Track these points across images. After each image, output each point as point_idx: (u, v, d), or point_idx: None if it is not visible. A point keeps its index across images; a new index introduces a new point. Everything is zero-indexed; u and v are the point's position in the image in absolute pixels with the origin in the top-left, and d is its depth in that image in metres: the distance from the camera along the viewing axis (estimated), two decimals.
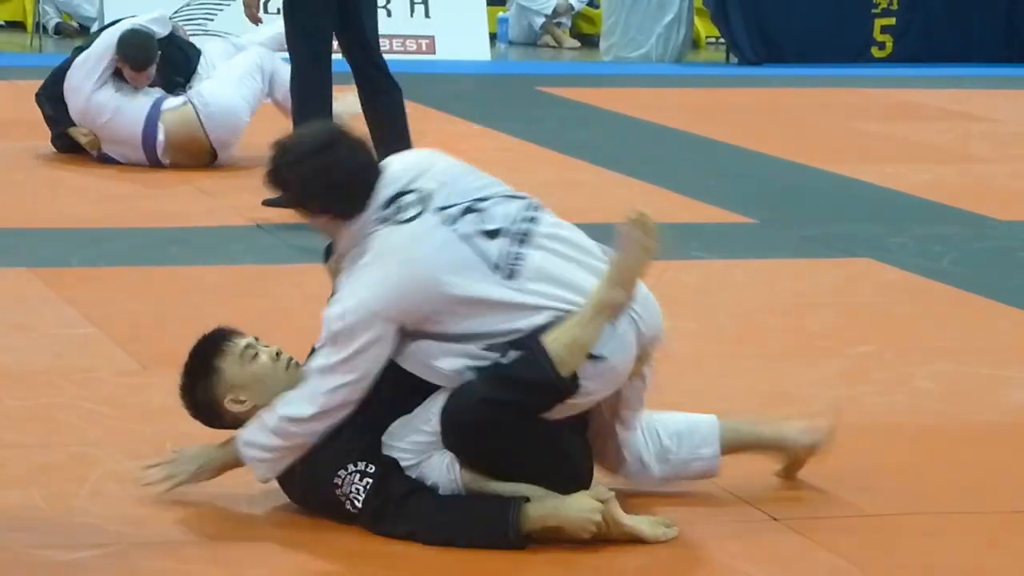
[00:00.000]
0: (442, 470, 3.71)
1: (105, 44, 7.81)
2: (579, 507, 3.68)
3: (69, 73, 7.83)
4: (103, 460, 4.14)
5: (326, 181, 3.75)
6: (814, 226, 7.25)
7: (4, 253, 6.32)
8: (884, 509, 4.02)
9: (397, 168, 3.83)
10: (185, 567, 3.58)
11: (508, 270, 3.71)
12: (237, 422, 3.87)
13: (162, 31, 8.00)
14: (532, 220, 3.79)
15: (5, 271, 6.06)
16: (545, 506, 3.69)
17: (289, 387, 3.79)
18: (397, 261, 3.68)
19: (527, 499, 3.69)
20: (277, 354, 3.89)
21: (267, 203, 6.66)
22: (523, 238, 3.75)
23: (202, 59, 8.11)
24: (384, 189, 3.77)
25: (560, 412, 3.73)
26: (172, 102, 7.89)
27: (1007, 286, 6.23)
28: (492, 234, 3.73)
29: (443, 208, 3.74)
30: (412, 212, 3.73)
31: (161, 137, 7.83)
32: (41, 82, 8.12)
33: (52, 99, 7.92)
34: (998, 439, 4.58)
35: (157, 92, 7.92)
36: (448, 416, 3.68)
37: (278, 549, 3.70)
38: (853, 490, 4.12)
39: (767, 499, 4.03)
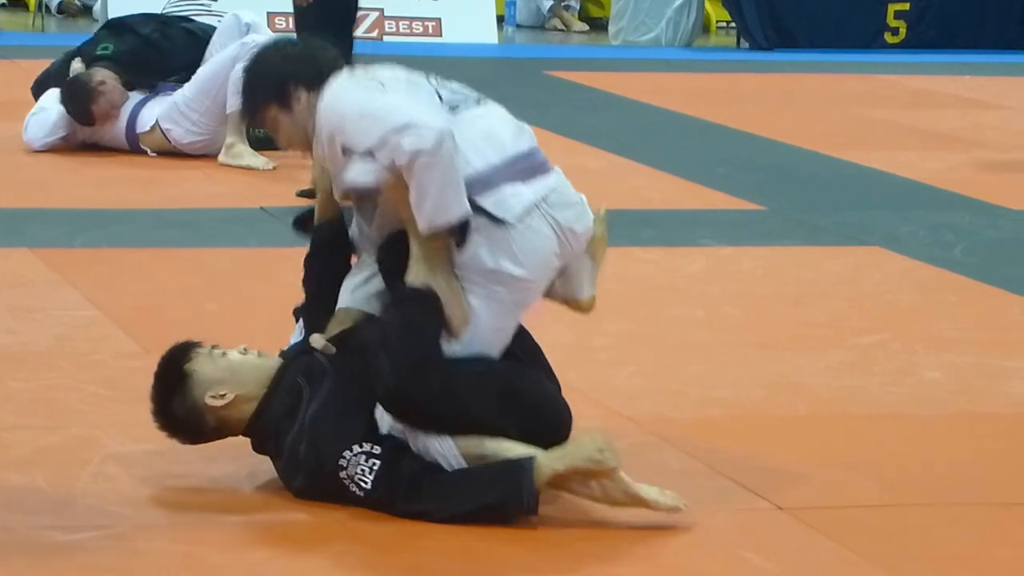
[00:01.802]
0: (435, 443, 3.70)
1: (58, 113, 7.67)
2: (586, 445, 3.69)
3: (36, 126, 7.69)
4: (105, 442, 4.13)
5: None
6: (824, 214, 7.22)
7: (7, 234, 6.31)
8: (891, 499, 4.00)
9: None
10: (187, 548, 3.57)
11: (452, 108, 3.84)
12: (222, 422, 3.86)
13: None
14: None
15: (8, 252, 6.04)
16: (552, 455, 3.69)
17: (264, 373, 3.82)
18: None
19: (533, 457, 3.68)
20: (244, 350, 3.91)
21: (301, 194, 6.64)
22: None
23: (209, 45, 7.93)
24: None
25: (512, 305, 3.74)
26: (144, 121, 7.70)
27: (1019, 276, 6.19)
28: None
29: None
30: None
31: (149, 151, 7.77)
32: (43, 65, 8.08)
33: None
34: (1006, 430, 4.56)
35: (130, 106, 7.73)
36: (382, 401, 3.71)
37: (281, 530, 3.68)
38: (859, 480, 4.10)
39: (772, 488, 4.01)
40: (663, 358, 4.98)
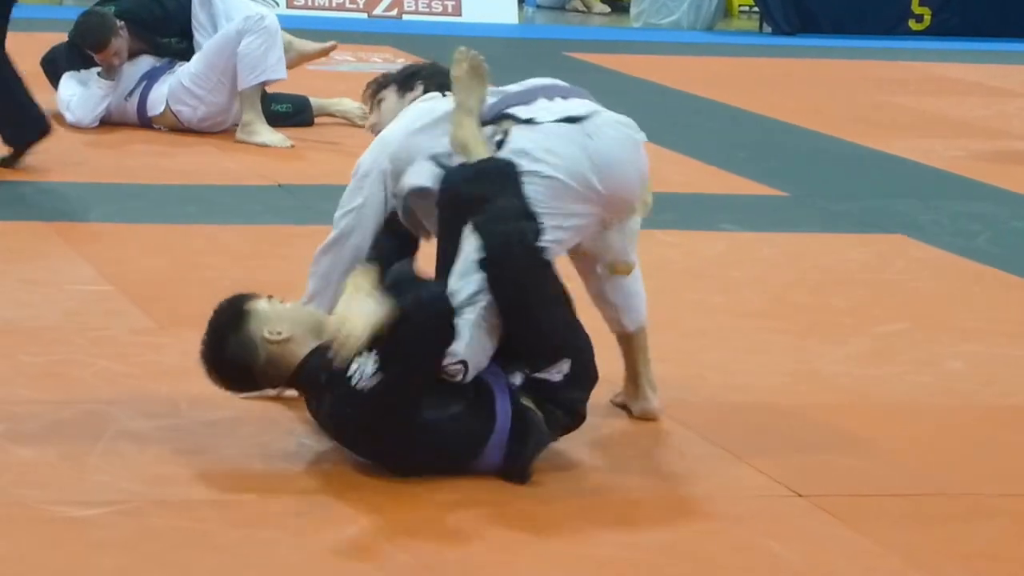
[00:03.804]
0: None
1: (99, 86, 7.62)
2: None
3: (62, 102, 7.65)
4: (117, 418, 4.09)
5: None
6: (846, 201, 7.17)
7: (21, 206, 6.27)
8: (911, 489, 3.97)
9: None
10: (200, 526, 3.53)
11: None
12: (272, 361, 3.87)
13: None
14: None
15: (22, 224, 6.01)
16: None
17: (319, 321, 3.88)
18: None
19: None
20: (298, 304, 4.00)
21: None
22: None
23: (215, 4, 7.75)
24: None
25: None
26: (154, 104, 7.62)
27: None
28: None
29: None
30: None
31: (163, 128, 7.70)
32: (62, 39, 8.01)
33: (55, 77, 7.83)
34: None
35: (142, 77, 7.63)
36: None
37: (294, 509, 3.64)
38: (881, 469, 4.06)
39: (791, 475, 3.97)
40: (683, 343, 4.94)
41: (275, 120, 7.71)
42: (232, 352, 3.88)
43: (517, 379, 3.84)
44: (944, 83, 10.88)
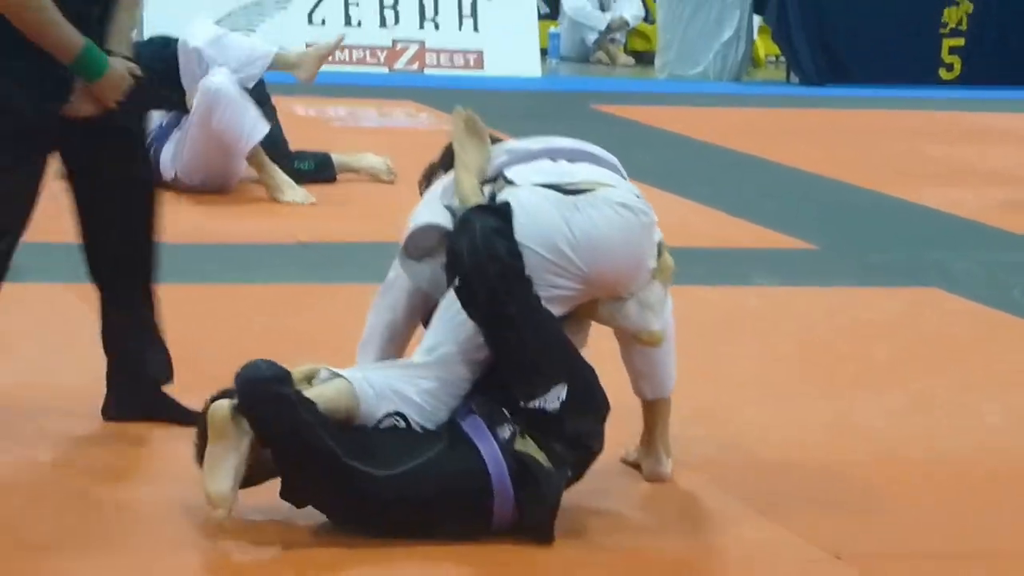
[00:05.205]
0: None
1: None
2: None
3: None
4: (137, 482, 4.01)
5: None
6: (877, 252, 7.09)
7: (40, 269, 6.17)
8: (951, 548, 3.87)
9: None
10: None
11: None
12: None
13: None
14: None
15: (41, 287, 5.91)
16: None
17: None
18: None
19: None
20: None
21: None
22: None
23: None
24: None
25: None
26: (164, 170, 7.43)
27: None
28: None
29: None
30: None
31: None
32: None
33: None
34: None
35: (151, 139, 7.39)
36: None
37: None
38: (920, 527, 3.97)
39: (830, 535, 3.86)
40: (718, 398, 4.85)
41: (298, 178, 7.64)
42: None
43: (506, 432, 3.71)
44: (975, 132, 10.81)
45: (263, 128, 7.43)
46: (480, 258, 3.68)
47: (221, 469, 3.58)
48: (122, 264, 4.42)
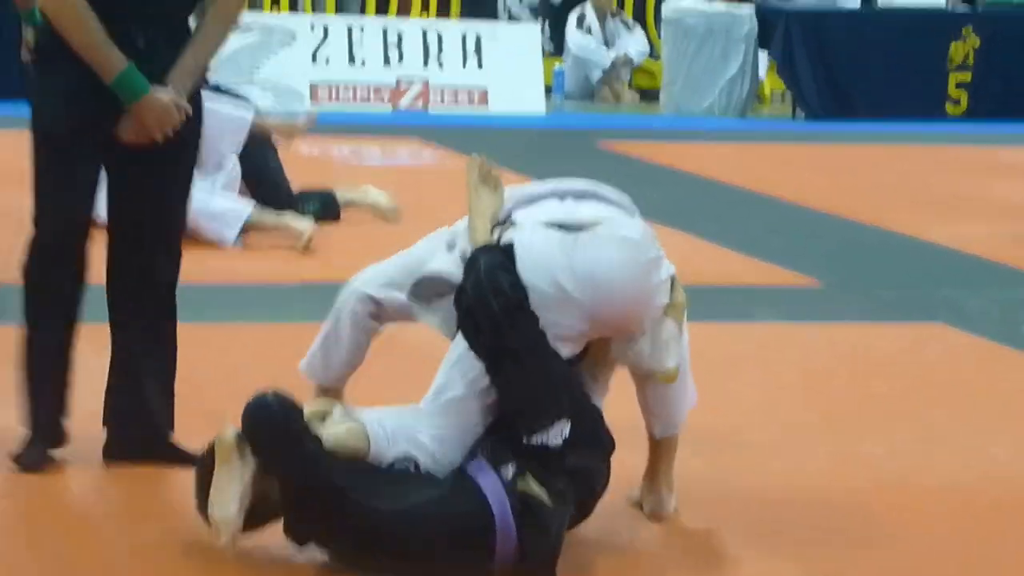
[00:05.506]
0: None
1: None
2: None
3: None
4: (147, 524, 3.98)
5: None
6: (883, 289, 7.07)
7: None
8: None
9: None
10: None
11: None
12: None
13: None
14: None
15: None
16: None
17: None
18: None
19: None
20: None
21: None
22: None
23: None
24: None
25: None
26: None
27: None
28: None
29: None
30: None
31: None
32: None
33: None
34: None
35: None
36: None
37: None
38: (923, 558, 3.97)
39: (831, 566, 3.86)
40: (723, 435, 4.82)
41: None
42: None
43: (510, 471, 3.67)
44: (982, 167, 10.77)
45: (235, 228, 7.40)
46: (484, 291, 3.69)
47: (226, 495, 3.58)
48: (143, 303, 4.57)
